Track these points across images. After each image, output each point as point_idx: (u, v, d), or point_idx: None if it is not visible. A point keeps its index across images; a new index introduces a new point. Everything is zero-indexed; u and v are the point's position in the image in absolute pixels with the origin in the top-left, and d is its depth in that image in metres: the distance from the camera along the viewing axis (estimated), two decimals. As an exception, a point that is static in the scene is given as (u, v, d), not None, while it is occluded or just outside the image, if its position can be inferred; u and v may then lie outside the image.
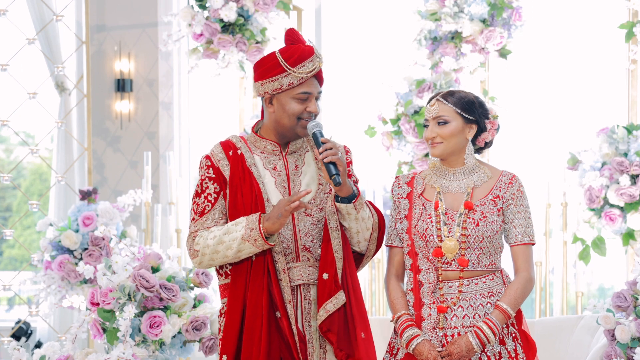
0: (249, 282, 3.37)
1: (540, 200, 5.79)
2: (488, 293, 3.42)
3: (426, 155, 5.86)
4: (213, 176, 3.44)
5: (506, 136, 5.22)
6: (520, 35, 6.01)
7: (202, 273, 4.41)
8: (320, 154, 3.30)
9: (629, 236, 5.44)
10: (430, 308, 3.41)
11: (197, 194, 3.45)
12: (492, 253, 3.44)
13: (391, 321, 3.47)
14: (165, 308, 4.27)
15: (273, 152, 3.47)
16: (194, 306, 4.38)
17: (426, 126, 3.49)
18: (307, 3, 6.78)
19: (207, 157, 3.47)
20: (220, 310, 3.47)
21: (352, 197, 3.37)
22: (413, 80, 5.93)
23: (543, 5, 6.56)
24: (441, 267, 3.41)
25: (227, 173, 3.43)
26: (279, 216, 3.28)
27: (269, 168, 3.46)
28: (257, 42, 6.02)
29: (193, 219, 3.44)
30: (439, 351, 3.36)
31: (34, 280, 5.73)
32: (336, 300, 3.36)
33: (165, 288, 4.25)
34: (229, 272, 3.43)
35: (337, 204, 3.38)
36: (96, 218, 5.55)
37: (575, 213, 5.63)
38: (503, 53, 6.02)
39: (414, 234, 3.44)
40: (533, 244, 3.47)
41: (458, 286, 3.41)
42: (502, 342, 3.41)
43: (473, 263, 3.41)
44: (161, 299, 4.25)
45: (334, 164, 3.29)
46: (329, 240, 3.39)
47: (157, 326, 4.20)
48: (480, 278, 3.43)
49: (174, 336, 4.30)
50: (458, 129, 3.44)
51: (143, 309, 4.24)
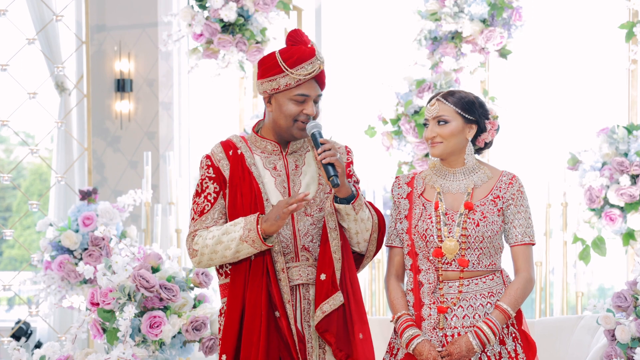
0: (248, 282, 3.37)
1: (540, 200, 5.79)
2: (488, 293, 3.42)
3: (426, 155, 5.86)
4: (213, 176, 3.44)
5: (506, 136, 5.21)
6: (520, 35, 6.01)
7: (202, 273, 4.41)
8: (318, 155, 3.30)
9: (629, 236, 5.44)
10: (430, 308, 3.40)
11: (197, 194, 3.45)
12: (492, 253, 3.44)
13: (391, 321, 3.47)
14: (165, 308, 4.27)
15: (273, 152, 3.47)
16: (194, 306, 4.38)
17: (426, 126, 3.49)
18: (307, 3, 6.78)
19: (208, 157, 3.47)
20: (220, 309, 3.47)
21: (351, 198, 3.36)
22: (413, 80, 5.92)
23: (543, 5, 6.56)
24: (441, 268, 3.41)
25: (227, 173, 3.43)
26: (277, 218, 3.28)
27: (269, 168, 3.45)
28: (257, 42, 6.02)
29: (193, 219, 3.44)
30: (439, 351, 3.35)
31: (34, 280, 5.72)
32: (333, 301, 3.35)
33: (165, 288, 4.24)
34: (229, 272, 3.43)
35: (336, 205, 3.38)
36: (96, 218, 5.55)
37: (575, 213, 5.63)
38: (503, 53, 6.02)
39: (414, 234, 3.44)
40: (533, 244, 3.47)
41: (458, 286, 3.41)
42: (502, 342, 3.41)
43: (473, 263, 3.41)
44: (161, 299, 4.24)
45: (333, 165, 3.28)
46: (327, 240, 3.38)
47: (157, 326, 4.19)
48: (480, 278, 3.43)
49: (174, 336, 4.29)
50: (458, 129, 3.44)
51: (143, 309, 4.23)
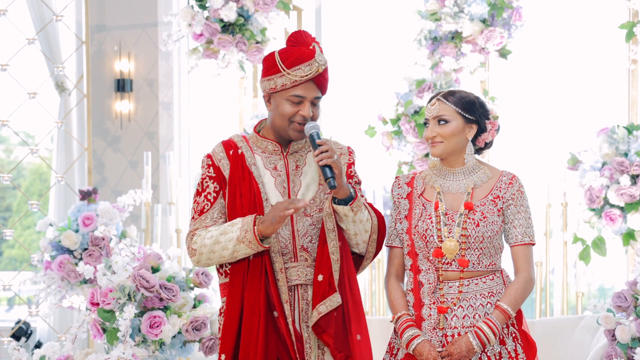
0: (247, 282, 3.36)
1: (540, 200, 5.79)
2: (488, 293, 3.42)
3: (426, 155, 5.86)
4: (213, 175, 3.44)
5: (506, 136, 5.20)
6: (520, 35, 6.01)
7: (202, 273, 4.41)
8: (315, 157, 3.30)
9: (629, 236, 5.44)
10: (430, 308, 3.40)
11: (198, 193, 3.45)
12: (492, 253, 3.44)
13: (391, 321, 3.47)
14: (165, 308, 4.27)
15: (274, 152, 3.47)
16: (194, 306, 4.38)
17: (426, 125, 3.48)
18: (307, 3, 6.78)
19: (208, 156, 3.47)
20: (220, 309, 3.47)
21: (349, 199, 3.35)
22: (413, 80, 5.92)
23: (543, 5, 6.56)
24: (441, 268, 3.41)
25: (227, 172, 3.43)
26: (273, 220, 3.27)
27: (270, 168, 3.45)
28: (257, 42, 6.02)
29: (193, 218, 3.44)
30: (439, 351, 3.35)
31: (34, 280, 5.72)
32: (330, 302, 3.33)
33: (165, 288, 4.24)
34: (229, 272, 3.43)
35: (334, 206, 3.37)
36: (96, 218, 5.55)
37: (575, 213, 5.62)
38: (503, 53, 6.02)
39: (414, 235, 3.44)
40: (533, 244, 3.47)
41: (458, 286, 3.40)
42: (503, 342, 3.41)
43: (473, 263, 3.41)
44: (161, 299, 4.24)
45: (330, 167, 3.28)
46: (325, 241, 3.37)
47: (157, 326, 4.19)
48: (480, 278, 3.42)
49: (174, 336, 4.29)
50: (458, 129, 3.43)
51: (143, 309, 4.23)
